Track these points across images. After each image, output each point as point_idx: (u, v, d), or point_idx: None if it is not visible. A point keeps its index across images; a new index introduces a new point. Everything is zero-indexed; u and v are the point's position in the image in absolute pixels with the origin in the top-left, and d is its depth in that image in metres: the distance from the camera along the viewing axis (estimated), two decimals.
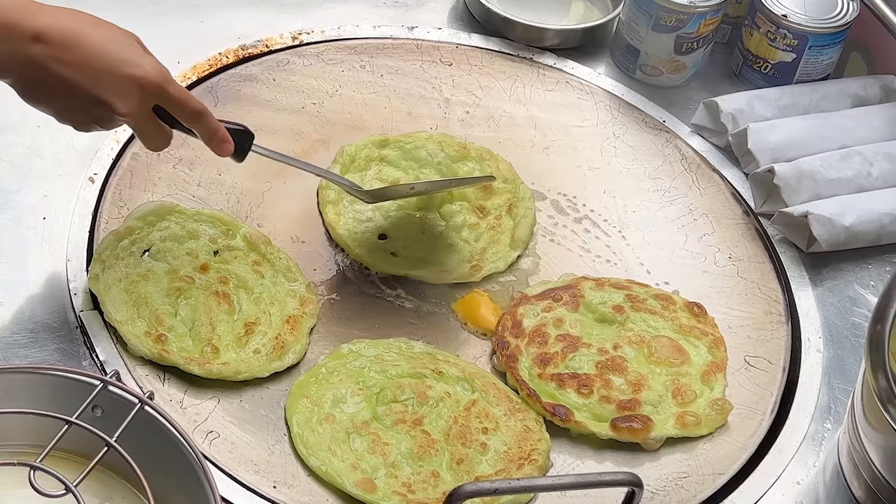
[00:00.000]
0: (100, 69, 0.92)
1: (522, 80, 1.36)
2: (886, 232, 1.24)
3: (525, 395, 1.06)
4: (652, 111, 1.36)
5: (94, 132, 0.99)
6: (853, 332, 1.17)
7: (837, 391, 1.12)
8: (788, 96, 1.35)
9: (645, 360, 1.09)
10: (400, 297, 1.14)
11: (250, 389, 1.03)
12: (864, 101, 1.36)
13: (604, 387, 1.07)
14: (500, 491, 0.90)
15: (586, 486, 0.93)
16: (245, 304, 1.08)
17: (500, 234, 1.19)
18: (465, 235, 1.19)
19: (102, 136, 1.17)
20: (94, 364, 1.01)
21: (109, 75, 0.93)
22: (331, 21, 1.37)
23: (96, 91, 0.92)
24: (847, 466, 1.05)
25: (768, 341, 1.16)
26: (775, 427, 1.08)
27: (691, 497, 1.02)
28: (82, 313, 1.04)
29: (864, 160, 1.28)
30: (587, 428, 1.04)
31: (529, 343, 1.10)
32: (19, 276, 1.07)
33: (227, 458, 0.98)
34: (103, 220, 1.12)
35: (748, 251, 1.24)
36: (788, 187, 1.24)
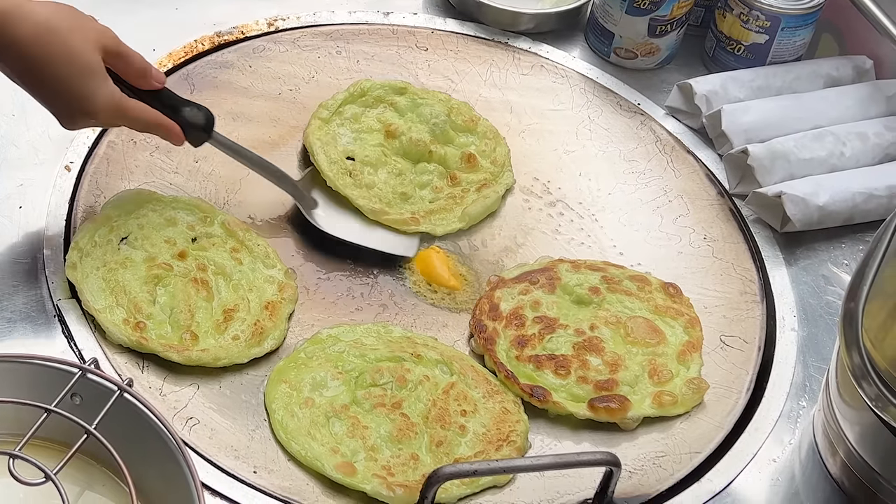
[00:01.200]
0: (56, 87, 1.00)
1: (498, 64, 1.36)
2: (859, 211, 1.25)
3: (503, 377, 1.07)
4: (626, 94, 1.37)
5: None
6: (827, 311, 1.19)
7: (812, 369, 1.13)
8: (762, 78, 1.36)
9: (621, 340, 1.10)
10: (378, 282, 1.14)
11: (230, 375, 1.03)
12: (837, 81, 1.37)
13: (581, 367, 1.08)
14: (479, 472, 0.92)
15: (564, 466, 0.94)
16: (223, 291, 1.08)
17: (456, 204, 1.21)
18: (422, 193, 1.21)
19: None
20: (73, 352, 1.01)
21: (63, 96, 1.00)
22: (306, 7, 1.37)
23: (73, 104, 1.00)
24: (822, 443, 1.06)
25: (743, 321, 1.17)
26: (751, 405, 1.10)
27: (668, 476, 1.03)
28: (60, 302, 1.04)
29: (837, 140, 1.29)
30: (565, 408, 1.05)
31: (507, 325, 1.11)
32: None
33: (207, 444, 0.98)
34: (80, 209, 1.11)
35: (723, 232, 1.25)
36: (762, 168, 1.25)
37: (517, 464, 0.94)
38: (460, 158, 1.23)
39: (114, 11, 1.29)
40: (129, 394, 0.89)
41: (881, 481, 1.00)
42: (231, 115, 1.24)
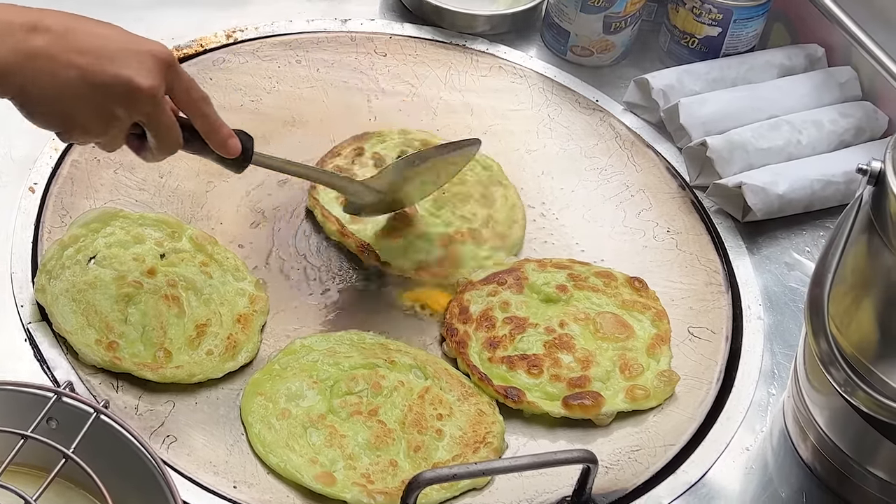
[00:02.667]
0: (110, 48, 0.89)
1: (456, 66, 1.37)
2: (818, 198, 1.27)
3: (477, 379, 1.08)
4: (585, 91, 1.38)
5: (95, 142, 0.95)
6: (791, 298, 1.20)
7: (780, 356, 1.15)
8: (717, 70, 1.37)
9: (591, 336, 1.12)
10: (347, 288, 1.15)
11: (205, 391, 1.03)
12: (790, 70, 1.39)
13: (553, 366, 1.09)
14: (459, 476, 0.92)
15: (542, 465, 0.95)
16: (195, 306, 1.08)
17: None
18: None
19: (40, 144, 1.16)
20: (47, 375, 1.01)
21: (123, 52, 0.89)
22: (264, 17, 1.37)
23: (113, 69, 0.88)
24: (793, 429, 1.08)
25: (710, 311, 1.18)
26: (722, 395, 1.11)
27: (644, 469, 1.04)
28: (30, 325, 1.04)
29: (793, 129, 1.31)
30: (540, 408, 1.06)
31: (478, 328, 1.11)
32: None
33: (186, 462, 0.98)
34: (46, 230, 1.11)
35: (685, 224, 1.26)
36: (721, 159, 1.27)
37: (495, 466, 0.95)
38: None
39: None
40: (105, 415, 0.89)
41: (852, 464, 1.02)
42: None
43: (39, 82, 0.87)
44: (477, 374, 1.08)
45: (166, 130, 0.94)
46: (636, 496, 1.02)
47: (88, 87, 0.88)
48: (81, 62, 0.87)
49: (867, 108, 1.34)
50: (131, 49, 0.90)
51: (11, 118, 1.05)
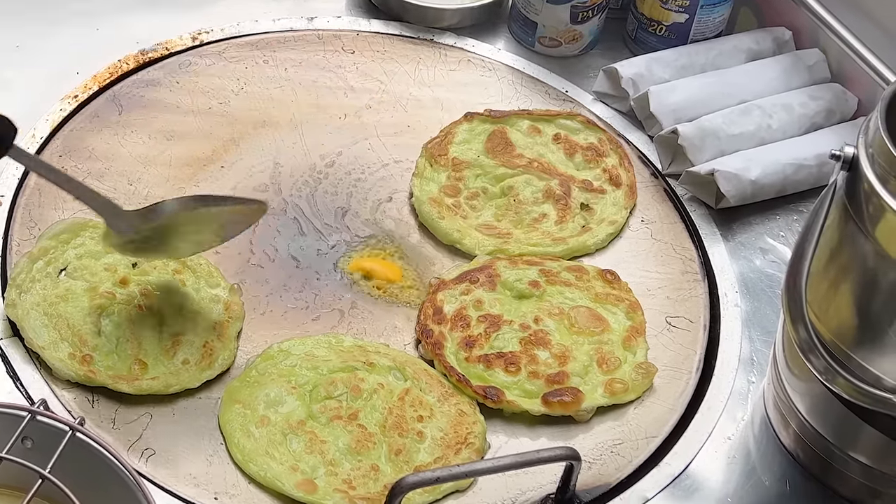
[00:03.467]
0: None
1: (425, 62, 1.36)
2: (790, 182, 1.27)
3: (455, 380, 1.07)
4: (554, 82, 1.37)
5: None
6: (768, 284, 1.20)
7: (758, 343, 1.15)
8: (685, 56, 1.37)
9: (567, 331, 1.11)
10: (322, 290, 1.14)
11: (182, 401, 1.02)
12: (758, 54, 1.39)
13: (530, 362, 1.08)
14: (442, 479, 0.92)
15: (525, 465, 0.94)
16: (169, 315, 1.07)
17: None
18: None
19: None
20: (21, 392, 1.00)
21: None
22: (229, 18, 1.36)
23: None
24: (774, 417, 1.08)
25: (687, 300, 1.18)
26: (702, 385, 1.11)
27: (627, 463, 1.04)
28: (2, 342, 1.02)
29: (764, 113, 1.31)
30: (519, 406, 1.06)
31: (452, 328, 1.11)
32: None
33: (165, 475, 0.97)
34: (15, 243, 1.10)
35: (659, 213, 1.26)
36: (693, 147, 1.27)
37: (478, 467, 0.94)
38: None
39: (33, 36, 1.28)
40: (80, 433, 0.88)
41: (834, 450, 1.02)
42: (163, 134, 1.22)
43: None
44: (455, 376, 1.07)
45: None
46: (620, 490, 1.02)
47: None
48: None
49: (836, 90, 1.34)
50: None
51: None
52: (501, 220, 1.21)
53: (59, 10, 1.32)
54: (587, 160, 1.27)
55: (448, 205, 1.21)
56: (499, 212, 1.21)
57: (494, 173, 1.24)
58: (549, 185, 1.23)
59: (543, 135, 1.28)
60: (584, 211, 1.23)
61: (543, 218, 1.22)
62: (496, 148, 1.25)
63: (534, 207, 1.22)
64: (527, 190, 1.23)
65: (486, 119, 1.28)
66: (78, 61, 1.25)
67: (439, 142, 1.26)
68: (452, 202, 1.21)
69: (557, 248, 1.19)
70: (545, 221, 1.21)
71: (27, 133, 1.19)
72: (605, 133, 1.30)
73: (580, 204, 1.23)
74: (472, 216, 1.21)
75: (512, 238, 1.19)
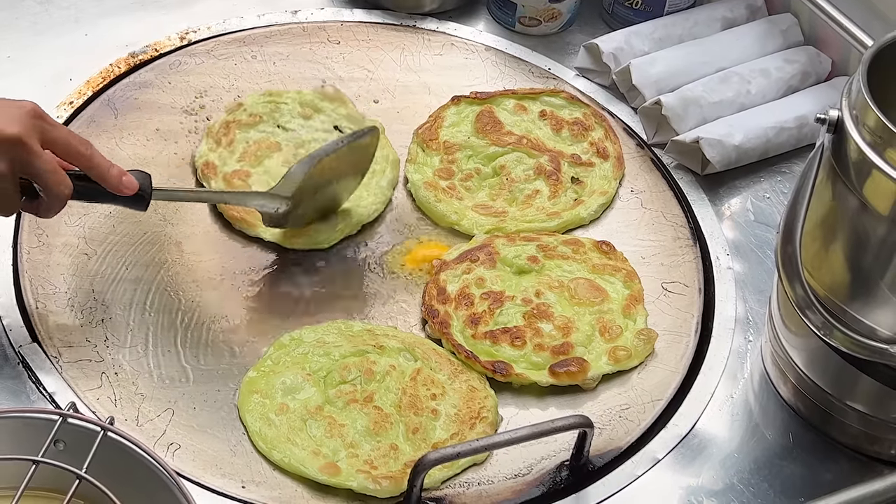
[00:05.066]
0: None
1: (410, 48, 1.38)
2: (772, 145, 1.30)
3: (464, 357, 1.10)
4: (536, 60, 1.40)
5: None
6: (757, 245, 1.24)
7: (752, 302, 1.18)
8: (662, 28, 1.40)
9: (568, 303, 1.14)
10: (327, 278, 1.16)
11: (202, 395, 1.05)
12: (732, 22, 1.42)
13: (535, 335, 1.11)
14: (463, 454, 0.95)
15: (541, 435, 0.98)
16: None
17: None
18: None
19: None
20: (44, 396, 1.02)
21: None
22: (215, 15, 1.37)
23: None
24: (773, 372, 1.12)
25: (681, 265, 1.21)
26: (701, 347, 1.15)
27: (636, 426, 1.08)
28: (21, 348, 1.04)
29: (742, 79, 1.34)
30: (528, 378, 1.09)
31: (457, 307, 1.14)
32: None
33: (192, 467, 1.00)
34: (25, 251, 1.11)
35: (648, 182, 1.29)
36: (676, 116, 1.30)
37: (496, 440, 0.97)
38: None
39: (23, 47, 1.29)
40: (112, 432, 0.90)
41: (833, 400, 1.06)
42: (160, 135, 1.24)
43: None
44: (463, 353, 1.10)
45: (49, 175, 0.96)
46: (631, 453, 1.05)
47: None
48: None
49: (810, 52, 1.38)
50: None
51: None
52: (496, 199, 1.24)
53: (43, 19, 1.34)
54: (574, 135, 1.30)
55: (443, 188, 1.23)
56: (493, 191, 1.24)
57: (486, 153, 1.27)
58: (539, 161, 1.26)
59: (530, 112, 1.31)
60: (574, 184, 1.26)
61: (536, 194, 1.25)
62: (486, 127, 1.28)
63: (526, 185, 1.25)
64: (518, 168, 1.26)
65: (472, 101, 1.31)
66: (70, 68, 1.27)
67: (429, 126, 1.28)
68: (447, 185, 1.24)
69: (553, 223, 1.22)
70: (538, 197, 1.24)
71: None
72: (588, 108, 1.33)
73: (570, 178, 1.26)
74: (468, 197, 1.24)
75: (508, 216, 1.22)
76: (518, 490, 1.02)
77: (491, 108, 1.31)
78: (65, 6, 1.35)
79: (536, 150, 1.27)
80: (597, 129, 1.31)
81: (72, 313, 1.08)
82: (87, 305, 1.09)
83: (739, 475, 1.05)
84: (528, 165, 1.26)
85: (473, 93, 1.31)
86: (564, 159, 1.27)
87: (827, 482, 1.05)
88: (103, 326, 1.08)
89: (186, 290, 1.12)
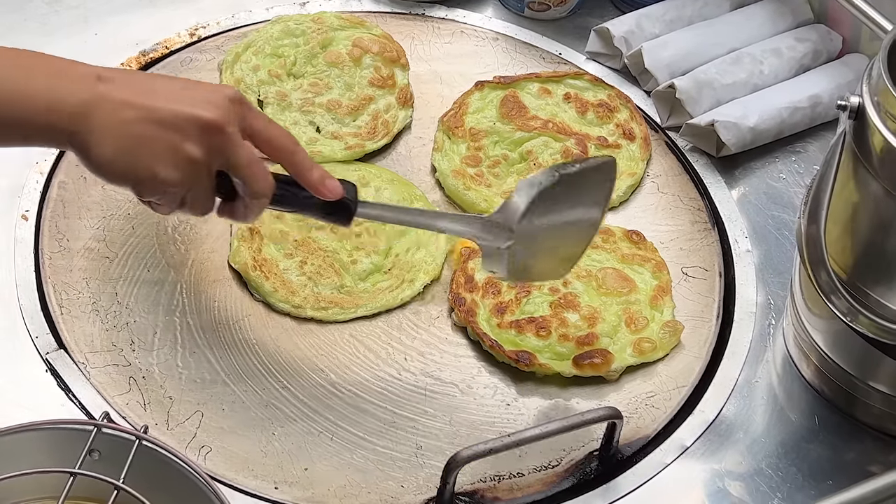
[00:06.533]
0: (173, 89, 0.87)
1: (419, 37, 1.38)
2: (787, 125, 1.30)
3: (488, 346, 1.10)
4: (546, 45, 1.39)
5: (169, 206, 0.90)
6: (775, 226, 1.24)
7: (772, 285, 1.19)
8: (672, 10, 1.40)
9: (595, 293, 1.15)
10: None
11: (230, 396, 1.05)
12: (742, 2, 1.42)
13: (560, 325, 1.12)
14: (495, 450, 0.96)
15: (572, 428, 0.98)
16: None
17: None
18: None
19: (25, 170, 1.17)
20: (74, 404, 1.02)
21: (187, 91, 0.87)
22: (223, 10, 1.37)
23: (177, 106, 0.85)
24: (796, 354, 1.13)
25: (700, 250, 1.22)
26: (723, 331, 1.15)
27: (662, 414, 1.08)
28: (49, 355, 1.04)
29: (754, 60, 1.34)
30: (551, 369, 1.09)
31: (484, 295, 1.14)
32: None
33: (225, 470, 1.00)
34: (47, 257, 1.11)
35: (663, 166, 1.29)
36: (690, 99, 1.30)
37: (528, 435, 0.97)
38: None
39: (30, 48, 1.26)
40: (147, 441, 0.91)
41: (856, 382, 1.07)
42: None
43: (98, 123, 0.84)
44: (488, 342, 1.10)
45: (250, 168, 0.88)
46: (660, 441, 1.06)
47: (152, 126, 0.85)
48: (145, 102, 0.85)
49: (821, 30, 1.38)
50: (195, 88, 0.88)
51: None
52: None
53: (52, 19, 1.33)
54: (599, 116, 1.29)
55: (471, 175, 1.23)
56: (521, 177, 1.24)
57: (512, 138, 1.26)
58: (566, 145, 1.26)
59: (554, 95, 1.31)
60: None
61: None
62: (511, 112, 1.28)
63: None
64: (545, 152, 1.25)
65: (496, 86, 1.31)
66: None
67: (454, 113, 1.28)
68: (475, 172, 1.24)
69: None
70: None
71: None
72: (613, 89, 1.32)
73: None
74: (496, 184, 1.23)
75: None
76: (549, 482, 1.03)
77: (515, 92, 1.30)
78: (73, 5, 1.34)
79: (562, 134, 1.27)
80: (622, 111, 1.30)
81: (96, 318, 1.08)
82: (112, 309, 1.09)
83: (767, 459, 1.05)
84: (554, 150, 1.25)
85: (497, 77, 1.31)
86: (591, 142, 1.27)
87: (852, 462, 1.06)
88: (128, 330, 1.08)
89: (208, 289, 1.12)
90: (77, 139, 0.84)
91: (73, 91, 0.84)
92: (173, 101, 0.86)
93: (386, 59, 1.30)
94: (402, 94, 1.29)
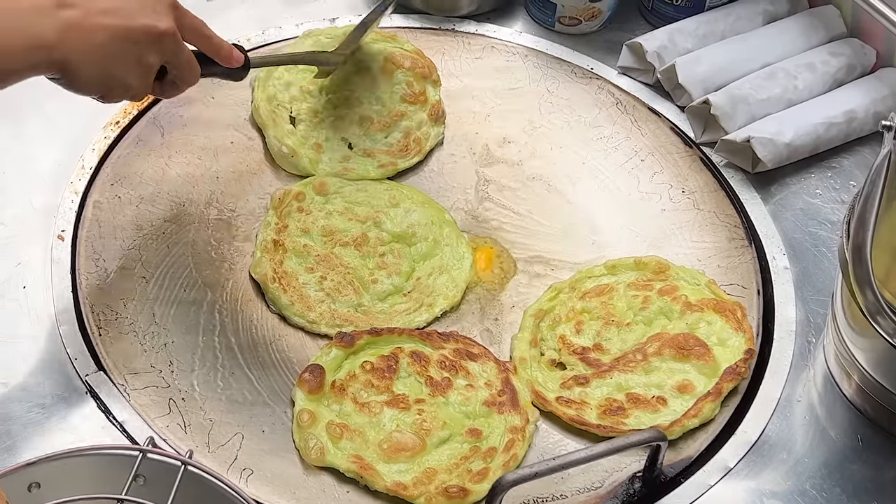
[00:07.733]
0: (128, 4, 0.96)
1: (450, 52, 1.37)
2: (822, 140, 1.30)
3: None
4: (578, 60, 1.39)
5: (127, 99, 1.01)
6: (812, 243, 1.23)
7: (811, 303, 1.18)
8: (705, 24, 1.39)
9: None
10: None
11: (269, 417, 1.04)
12: (774, 16, 1.41)
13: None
14: (540, 474, 0.95)
15: (617, 451, 0.97)
16: None
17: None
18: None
19: (60, 189, 1.17)
20: (115, 427, 1.01)
21: (139, 4, 0.97)
22: (253, 26, 1.36)
23: (137, 21, 0.96)
24: (836, 371, 1.12)
25: (737, 267, 1.21)
26: (763, 349, 1.14)
27: (704, 434, 1.07)
28: (88, 377, 1.04)
29: (788, 75, 1.33)
30: None
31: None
32: (15, 352, 1.05)
33: (267, 493, 0.99)
34: (83, 277, 1.11)
35: (699, 182, 1.28)
36: (725, 115, 1.29)
37: (573, 458, 0.96)
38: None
39: None
40: (193, 466, 0.90)
41: None
42: (207, 151, 1.24)
43: (78, 51, 0.92)
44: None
45: (188, 64, 1.03)
46: (703, 462, 1.05)
47: (121, 44, 0.95)
48: (109, 23, 0.94)
49: (854, 44, 1.37)
50: (144, 1, 0.98)
51: (25, 168, 1.04)
52: None
53: None
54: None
55: None
56: None
57: None
58: None
59: None
60: None
61: None
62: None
63: None
64: None
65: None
66: None
67: None
68: None
69: None
70: None
71: (76, 164, 1.19)
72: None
73: None
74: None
75: None
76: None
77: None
78: None
79: None
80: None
81: (135, 339, 1.07)
82: (150, 330, 1.08)
83: (811, 480, 1.04)
84: None
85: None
86: None
87: (892, 480, 1.05)
88: (166, 351, 1.07)
89: (244, 308, 1.12)
90: (60, 70, 0.93)
91: (44, 26, 0.90)
92: (132, 17, 0.96)
93: (418, 74, 1.29)
94: (433, 111, 1.28)
